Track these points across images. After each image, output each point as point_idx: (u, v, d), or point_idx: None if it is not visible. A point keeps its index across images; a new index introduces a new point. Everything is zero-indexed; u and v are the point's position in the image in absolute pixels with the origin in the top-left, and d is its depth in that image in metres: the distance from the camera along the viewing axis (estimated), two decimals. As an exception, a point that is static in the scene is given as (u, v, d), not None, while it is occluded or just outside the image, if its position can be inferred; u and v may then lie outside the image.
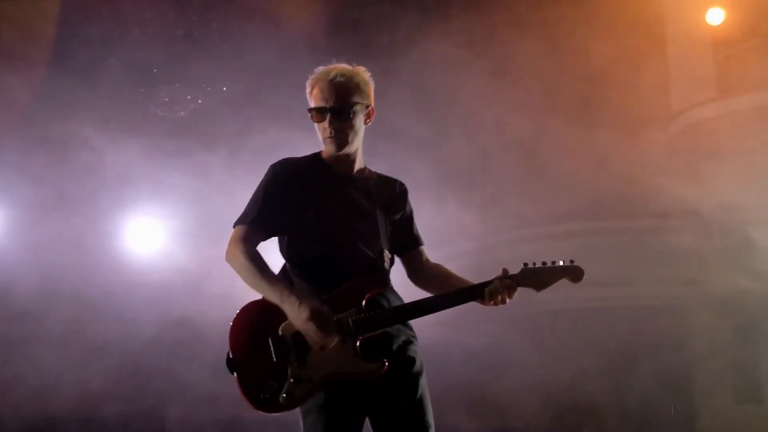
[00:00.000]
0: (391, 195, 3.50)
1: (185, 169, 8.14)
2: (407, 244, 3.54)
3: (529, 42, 8.26)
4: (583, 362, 9.36)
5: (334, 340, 3.11)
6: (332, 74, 3.34)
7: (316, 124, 3.37)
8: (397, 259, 3.53)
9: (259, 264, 3.22)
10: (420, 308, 3.21)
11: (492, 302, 3.19)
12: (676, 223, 9.99)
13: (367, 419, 3.26)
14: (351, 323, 3.13)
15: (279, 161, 3.41)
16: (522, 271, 3.24)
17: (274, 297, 3.16)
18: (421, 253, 3.55)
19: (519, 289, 3.23)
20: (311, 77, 3.40)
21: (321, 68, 3.40)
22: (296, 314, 3.10)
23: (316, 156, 3.47)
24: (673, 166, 9.30)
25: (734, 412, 10.04)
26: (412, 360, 3.27)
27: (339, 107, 3.32)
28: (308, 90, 3.40)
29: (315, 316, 3.06)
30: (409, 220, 3.56)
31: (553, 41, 8.32)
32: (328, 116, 3.32)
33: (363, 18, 8.70)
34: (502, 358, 8.90)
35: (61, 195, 8.20)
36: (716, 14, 9.61)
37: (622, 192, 9.42)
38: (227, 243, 3.33)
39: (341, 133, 3.32)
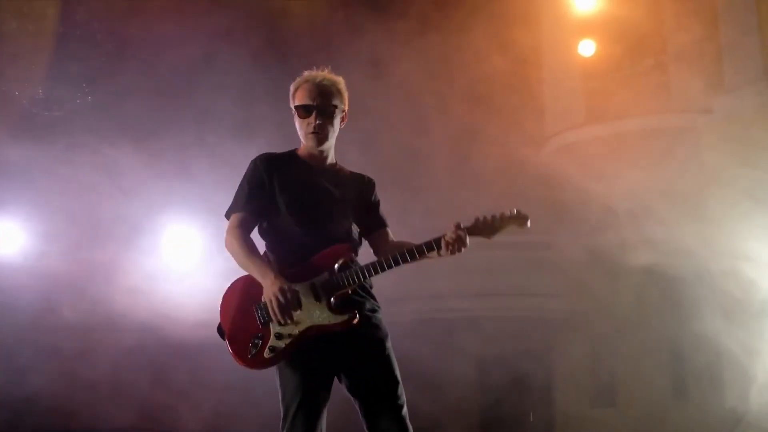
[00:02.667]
0: (359, 187, 3.90)
1: (88, 167, 8.05)
2: (373, 225, 3.91)
3: (423, 62, 8.67)
4: (453, 369, 9.72)
5: (290, 318, 3.46)
6: (319, 78, 3.79)
7: (298, 121, 3.81)
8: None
9: (247, 246, 3.65)
10: (387, 263, 3.54)
11: (449, 251, 3.52)
12: (550, 239, 10.66)
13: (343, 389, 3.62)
14: (325, 282, 3.54)
15: (259, 155, 3.83)
16: (474, 221, 3.58)
17: (257, 274, 3.57)
18: (386, 233, 3.92)
19: None
20: (297, 79, 3.84)
21: (307, 72, 3.84)
22: (267, 288, 3.51)
23: (293, 152, 3.89)
24: (546, 184, 9.91)
25: (590, 416, 10.62)
26: (377, 326, 3.67)
27: (323, 106, 3.75)
28: (292, 91, 3.84)
29: (280, 293, 3.46)
30: (375, 206, 3.93)
31: (442, 62, 8.74)
32: (314, 113, 3.74)
33: (282, 23, 8.83)
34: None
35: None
36: (587, 46, 10.37)
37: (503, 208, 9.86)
38: (225, 233, 3.74)
39: (323, 129, 3.76)
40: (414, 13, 8.41)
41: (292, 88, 3.83)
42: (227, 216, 3.78)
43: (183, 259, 9.24)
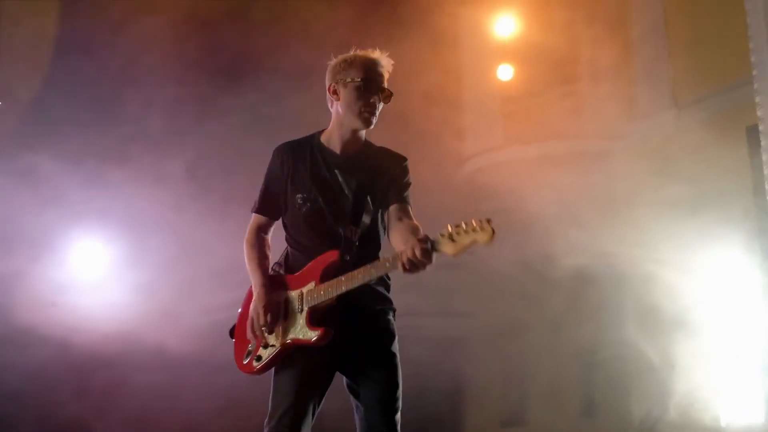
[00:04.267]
0: (382, 167, 3.65)
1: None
2: (384, 206, 3.62)
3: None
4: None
5: (260, 335, 3.49)
6: (384, 60, 3.63)
7: (352, 95, 3.56)
8: None
9: (252, 253, 3.67)
10: (349, 281, 3.35)
11: (409, 268, 3.15)
12: (468, 257, 10.75)
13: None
14: (309, 292, 3.44)
15: (279, 145, 3.73)
16: (439, 236, 3.15)
17: (253, 284, 3.59)
18: (393, 214, 3.59)
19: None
20: (351, 54, 3.63)
21: (371, 51, 3.65)
22: (253, 303, 3.53)
23: (314, 138, 3.71)
24: (468, 201, 10.05)
25: (501, 435, 10.79)
26: (384, 328, 3.65)
27: (385, 90, 3.59)
28: (347, 63, 3.60)
29: (260, 310, 3.48)
30: (388, 184, 3.63)
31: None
32: (379, 95, 3.56)
33: (209, 32, 8.77)
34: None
35: None
36: (506, 71, 10.63)
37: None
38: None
39: (376, 113, 3.61)
40: (341, 27, 8.45)
41: (345, 60, 3.62)
42: (252, 212, 3.75)
43: (92, 271, 9.02)
